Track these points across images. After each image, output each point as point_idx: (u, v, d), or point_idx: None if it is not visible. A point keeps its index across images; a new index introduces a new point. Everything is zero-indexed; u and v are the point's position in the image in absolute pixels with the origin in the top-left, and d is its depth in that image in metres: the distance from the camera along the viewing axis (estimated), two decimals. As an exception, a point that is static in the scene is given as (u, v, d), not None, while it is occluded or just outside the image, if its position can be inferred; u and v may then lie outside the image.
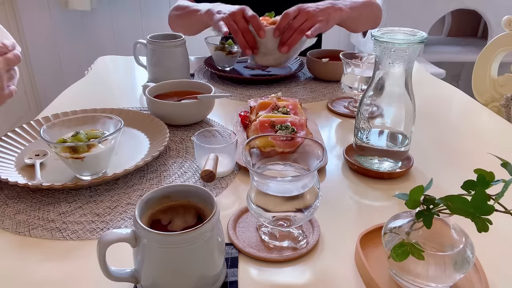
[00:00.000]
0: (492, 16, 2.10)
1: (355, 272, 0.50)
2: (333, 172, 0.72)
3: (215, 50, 1.15)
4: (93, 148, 0.63)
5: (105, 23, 2.47)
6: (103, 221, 0.58)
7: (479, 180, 0.42)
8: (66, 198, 0.63)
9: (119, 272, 0.45)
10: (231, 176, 0.69)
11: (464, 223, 0.44)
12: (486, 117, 0.98)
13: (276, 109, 0.79)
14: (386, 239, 0.46)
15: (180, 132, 0.84)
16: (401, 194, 0.46)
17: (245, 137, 0.78)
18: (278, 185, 0.50)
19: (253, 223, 0.57)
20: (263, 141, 0.60)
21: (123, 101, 1.00)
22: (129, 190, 0.65)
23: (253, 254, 0.52)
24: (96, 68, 1.24)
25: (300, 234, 0.55)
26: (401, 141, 0.68)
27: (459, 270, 0.43)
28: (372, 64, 0.69)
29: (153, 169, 0.71)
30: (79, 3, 2.28)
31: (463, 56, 2.25)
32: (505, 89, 1.31)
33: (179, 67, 1.05)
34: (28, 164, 0.69)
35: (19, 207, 0.61)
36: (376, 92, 0.66)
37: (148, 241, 0.41)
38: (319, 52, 1.19)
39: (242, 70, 1.19)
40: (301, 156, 0.53)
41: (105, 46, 2.51)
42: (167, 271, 0.42)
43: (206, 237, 0.42)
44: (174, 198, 0.48)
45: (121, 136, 0.67)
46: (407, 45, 0.60)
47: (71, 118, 0.70)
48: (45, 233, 0.56)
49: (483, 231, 0.40)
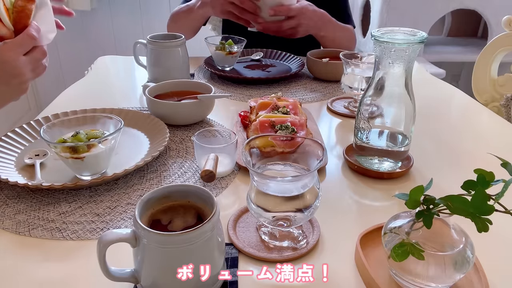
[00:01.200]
0: (492, 16, 2.10)
1: (355, 272, 0.50)
2: (333, 172, 0.72)
3: (215, 50, 1.15)
4: (93, 148, 0.63)
5: (105, 23, 2.47)
6: (103, 221, 0.58)
7: (479, 180, 0.42)
8: (66, 198, 0.63)
9: (119, 272, 0.45)
10: (231, 176, 0.69)
11: (464, 223, 0.44)
12: (486, 117, 0.98)
13: (276, 109, 0.79)
14: (386, 239, 0.46)
15: (180, 132, 0.84)
16: (401, 194, 0.46)
17: (245, 137, 0.78)
18: (278, 185, 0.50)
19: (253, 223, 0.57)
20: (263, 141, 0.60)
21: (123, 101, 1.00)
22: (129, 190, 0.65)
23: (253, 254, 0.52)
24: (96, 68, 1.24)
25: (300, 234, 0.55)
26: (401, 141, 0.68)
27: (459, 270, 0.43)
28: (372, 64, 0.69)
29: (153, 169, 0.71)
30: (79, 3, 2.28)
31: (463, 56, 2.25)
32: (505, 89, 1.31)
33: (179, 67, 1.05)
34: (28, 164, 0.69)
35: (19, 207, 0.61)
36: (376, 92, 0.66)
37: (148, 241, 0.41)
38: (319, 52, 1.19)
39: (242, 70, 1.19)
40: (301, 156, 0.53)
41: (105, 46, 2.51)
42: (167, 271, 0.42)
43: (206, 237, 0.42)
44: (174, 198, 0.48)
45: (121, 136, 0.67)
46: (407, 45, 0.60)
47: (71, 118, 0.70)
48: (45, 233, 0.56)
49: (483, 231, 0.40)
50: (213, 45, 1.15)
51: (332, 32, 1.27)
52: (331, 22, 1.25)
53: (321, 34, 1.26)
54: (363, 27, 2.44)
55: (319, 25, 1.22)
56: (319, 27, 1.23)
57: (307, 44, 1.34)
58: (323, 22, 1.23)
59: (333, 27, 1.27)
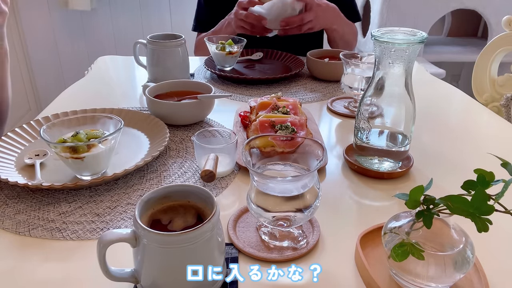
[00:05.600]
0: (492, 16, 2.10)
1: (355, 272, 0.50)
2: (333, 172, 0.72)
3: (215, 50, 1.15)
4: (93, 148, 0.63)
5: (105, 23, 2.47)
6: (103, 221, 0.58)
7: (479, 180, 0.42)
8: (66, 198, 0.63)
9: (119, 272, 0.45)
10: (231, 176, 0.69)
11: (464, 223, 0.44)
12: (486, 117, 0.98)
13: (276, 109, 0.79)
14: (386, 239, 0.46)
15: (180, 132, 0.84)
16: (401, 194, 0.46)
17: (245, 137, 0.78)
18: (278, 185, 0.50)
19: (253, 223, 0.57)
20: (263, 141, 0.60)
21: (123, 101, 1.00)
22: (129, 190, 0.65)
23: (253, 254, 0.52)
24: (96, 68, 1.24)
25: (300, 234, 0.55)
26: (401, 141, 0.68)
27: (459, 270, 0.43)
28: (372, 64, 0.69)
29: (153, 169, 0.71)
30: (79, 3, 2.28)
31: (463, 56, 2.25)
32: (505, 89, 1.31)
33: (179, 67, 1.05)
34: (28, 164, 0.69)
35: (19, 207, 0.61)
36: (376, 92, 0.66)
37: (148, 241, 0.41)
38: (319, 52, 1.19)
39: (242, 70, 1.19)
40: (301, 156, 0.53)
41: (105, 46, 2.51)
42: (167, 271, 0.42)
43: (206, 237, 0.42)
44: (174, 198, 0.48)
45: (121, 136, 0.67)
46: (407, 45, 0.60)
47: (71, 118, 0.70)
48: (45, 233, 0.56)
49: (483, 231, 0.40)
50: (213, 45, 1.15)
51: (341, 26, 1.30)
52: (341, 16, 1.28)
53: (334, 27, 1.28)
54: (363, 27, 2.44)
55: (333, 18, 1.25)
56: (332, 20, 1.25)
57: (307, 44, 1.34)
58: (335, 15, 1.26)
59: (343, 21, 1.30)
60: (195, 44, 1.48)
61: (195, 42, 1.48)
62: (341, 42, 1.35)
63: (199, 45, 1.46)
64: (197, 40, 1.48)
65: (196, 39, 1.49)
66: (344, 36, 1.33)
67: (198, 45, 1.47)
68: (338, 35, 1.32)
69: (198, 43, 1.47)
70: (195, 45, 1.48)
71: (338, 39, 1.34)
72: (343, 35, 1.33)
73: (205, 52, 1.27)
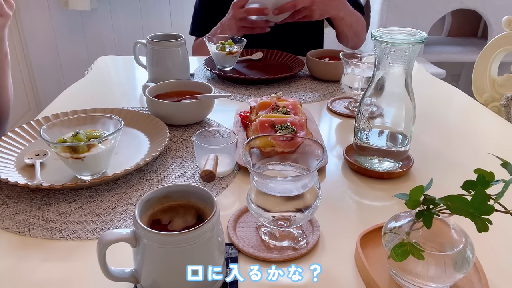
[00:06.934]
0: (492, 16, 2.10)
1: (355, 272, 0.50)
2: (333, 172, 0.72)
3: (215, 50, 1.15)
4: (93, 148, 0.63)
5: (105, 23, 2.47)
6: (103, 221, 0.58)
7: (479, 180, 0.42)
8: (66, 198, 0.63)
9: (119, 272, 0.45)
10: (231, 176, 0.69)
11: (464, 223, 0.44)
12: (486, 117, 0.98)
13: (276, 109, 0.79)
14: (386, 239, 0.46)
15: (180, 132, 0.84)
16: (401, 194, 0.46)
17: (245, 137, 0.78)
18: (278, 185, 0.50)
19: (253, 223, 0.57)
20: (263, 141, 0.60)
21: (123, 101, 1.00)
22: (129, 190, 0.65)
23: (253, 254, 0.52)
24: (96, 68, 1.24)
25: (300, 234, 0.55)
26: (401, 141, 0.68)
27: (459, 270, 0.43)
28: (372, 64, 0.69)
29: (153, 169, 0.71)
30: (79, 3, 2.28)
31: (463, 56, 2.25)
32: (505, 89, 1.31)
33: (179, 67, 1.05)
34: (28, 164, 0.69)
35: (19, 207, 0.61)
36: (376, 92, 0.66)
37: (148, 241, 0.41)
38: (319, 52, 1.19)
39: (242, 70, 1.19)
40: (301, 156, 0.53)
41: (105, 46, 2.51)
42: (167, 271, 0.42)
43: (206, 237, 0.42)
44: (174, 198, 0.48)
45: (121, 136, 0.67)
46: (407, 45, 0.60)
47: (71, 118, 0.70)
48: (45, 233, 0.56)
49: (483, 231, 0.40)
50: (213, 45, 1.15)
51: (349, 15, 1.24)
52: (346, 3, 1.23)
53: (341, 15, 1.23)
54: (363, 27, 2.43)
55: (338, 5, 1.20)
56: (337, 7, 1.20)
57: (307, 44, 1.34)
58: (340, 2, 1.20)
59: (350, 10, 1.25)
60: (192, 49, 1.48)
61: (192, 47, 1.48)
62: (350, 32, 1.29)
63: (196, 49, 1.46)
64: (194, 44, 1.48)
65: (193, 43, 1.49)
66: (352, 26, 1.27)
67: (196, 49, 1.46)
68: (346, 24, 1.26)
69: (195, 47, 1.47)
70: (192, 50, 1.48)
71: (347, 29, 1.28)
72: (351, 25, 1.27)
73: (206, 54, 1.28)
